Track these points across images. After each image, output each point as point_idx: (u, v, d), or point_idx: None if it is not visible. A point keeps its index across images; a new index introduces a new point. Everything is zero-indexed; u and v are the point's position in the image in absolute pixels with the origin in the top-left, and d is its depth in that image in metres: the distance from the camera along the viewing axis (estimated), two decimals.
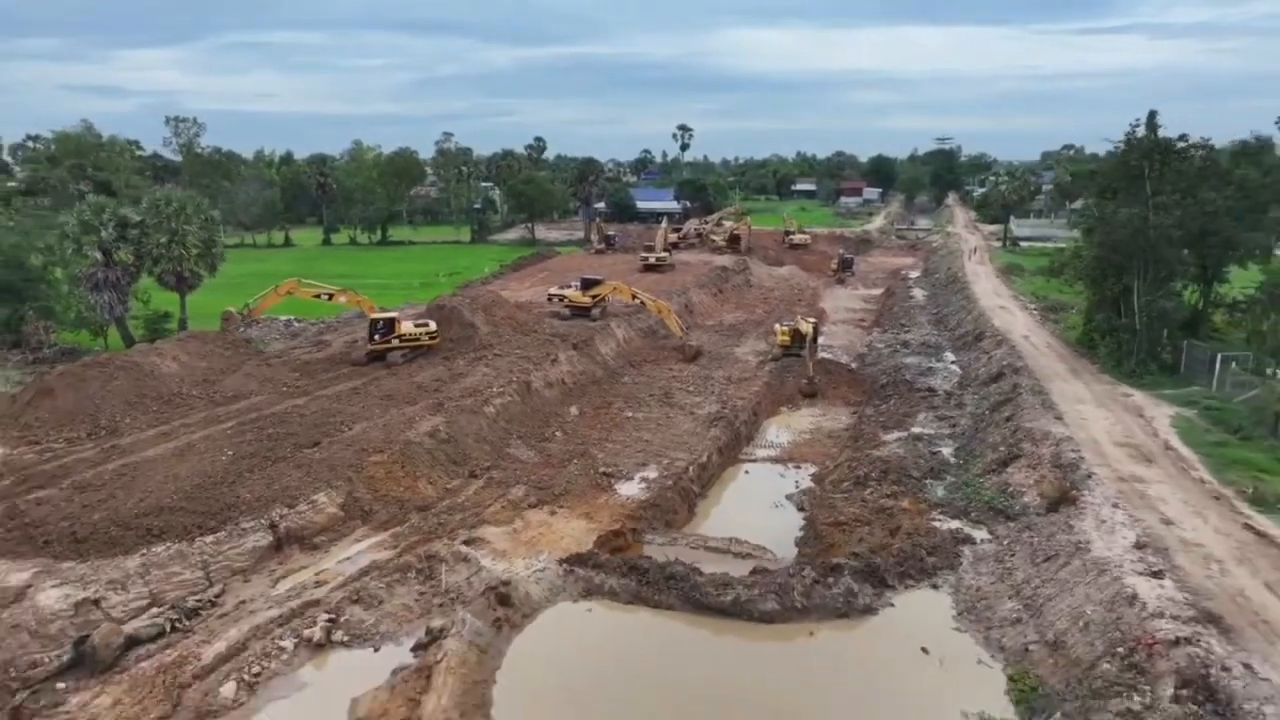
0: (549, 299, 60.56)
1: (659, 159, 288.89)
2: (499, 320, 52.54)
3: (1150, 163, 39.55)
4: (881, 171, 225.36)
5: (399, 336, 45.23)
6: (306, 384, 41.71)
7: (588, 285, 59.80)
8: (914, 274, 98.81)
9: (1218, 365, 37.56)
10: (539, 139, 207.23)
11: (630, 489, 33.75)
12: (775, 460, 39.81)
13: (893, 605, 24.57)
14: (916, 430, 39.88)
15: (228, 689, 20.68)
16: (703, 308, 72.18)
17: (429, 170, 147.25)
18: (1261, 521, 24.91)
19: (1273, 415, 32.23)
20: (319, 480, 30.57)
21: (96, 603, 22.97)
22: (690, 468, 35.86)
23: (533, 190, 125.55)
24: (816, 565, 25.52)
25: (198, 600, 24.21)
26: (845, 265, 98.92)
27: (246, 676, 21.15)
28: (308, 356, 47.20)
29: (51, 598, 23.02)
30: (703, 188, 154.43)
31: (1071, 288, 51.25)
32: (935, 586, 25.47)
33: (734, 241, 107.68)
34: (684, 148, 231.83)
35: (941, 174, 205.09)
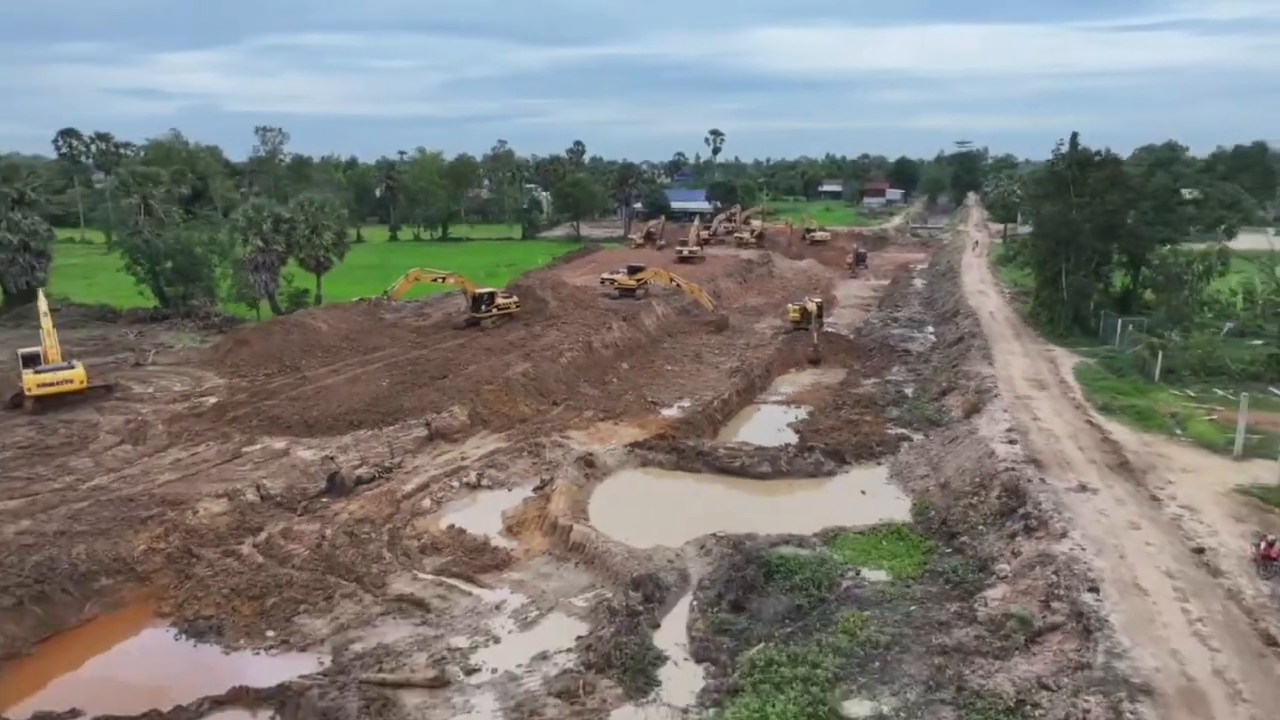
0: (601, 282, 73.28)
1: (692, 160, 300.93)
2: (563, 297, 65.44)
3: (1072, 172, 51.19)
4: (905, 173, 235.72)
5: (497, 306, 58.29)
6: (424, 341, 54.89)
7: (633, 271, 72.45)
8: (920, 267, 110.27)
9: (1118, 328, 49.26)
10: (578, 143, 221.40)
11: (671, 412, 46.26)
12: (782, 403, 51.96)
13: (847, 472, 36.83)
14: (889, 378, 52.03)
15: (425, 503, 33.52)
16: (729, 293, 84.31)
17: (481, 173, 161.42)
18: (1098, 419, 36.84)
19: (1143, 360, 43.91)
20: (451, 399, 43.49)
21: (331, 458, 35.98)
22: (715, 401, 48.13)
23: (578, 192, 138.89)
24: (797, 446, 37.93)
25: (389, 463, 37.09)
26: (859, 259, 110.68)
27: (434, 497, 33.97)
28: (417, 323, 60.40)
29: (304, 455, 36.17)
30: (732, 189, 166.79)
31: (1022, 271, 62.87)
32: (879, 463, 37.69)
33: (760, 238, 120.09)
34: (715, 151, 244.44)
35: (961, 175, 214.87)
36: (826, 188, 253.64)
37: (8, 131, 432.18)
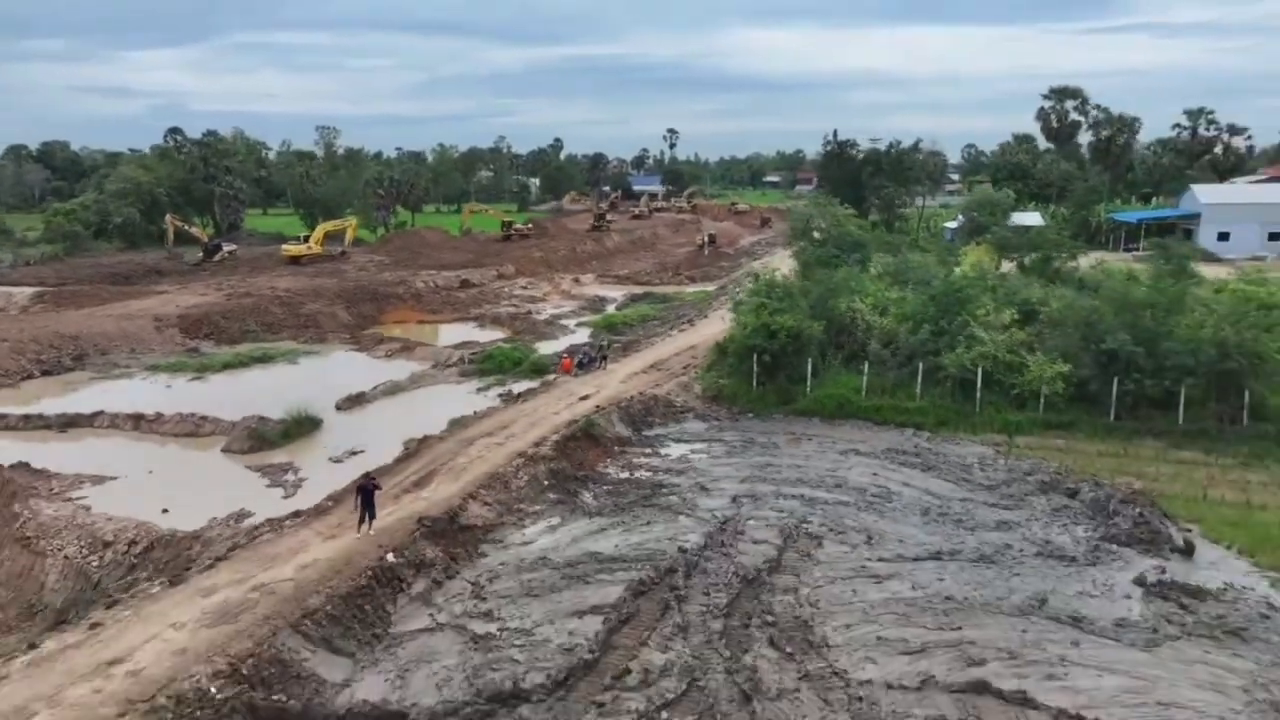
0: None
1: (657, 156, 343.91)
2: (558, 228, 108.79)
3: (835, 152, 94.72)
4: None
5: (516, 229, 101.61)
6: (481, 246, 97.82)
7: (598, 218, 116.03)
8: None
9: None
10: (558, 139, 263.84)
11: (622, 272, 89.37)
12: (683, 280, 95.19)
13: (697, 283, 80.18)
14: (740, 260, 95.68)
15: (504, 289, 76.32)
16: (663, 237, 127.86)
17: (484, 163, 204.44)
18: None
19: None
20: (504, 263, 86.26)
21: (461, 276, 78.59)
22: (641, 273, 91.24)
23: (560, 176, 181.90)
24: (674, 272, 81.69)
25: (486, 280, 79.62)
26: (764, 222, 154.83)
27: (507, 289, 76.75)
28: (472, 240, 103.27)
29: (448, 274, 78.84)
30: (680, 175, 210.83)
31: None
32: (713, 283, 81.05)
33: (694, 208, 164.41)
34: (672, 146, 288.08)
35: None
36: (769, 178, 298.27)
37: None
